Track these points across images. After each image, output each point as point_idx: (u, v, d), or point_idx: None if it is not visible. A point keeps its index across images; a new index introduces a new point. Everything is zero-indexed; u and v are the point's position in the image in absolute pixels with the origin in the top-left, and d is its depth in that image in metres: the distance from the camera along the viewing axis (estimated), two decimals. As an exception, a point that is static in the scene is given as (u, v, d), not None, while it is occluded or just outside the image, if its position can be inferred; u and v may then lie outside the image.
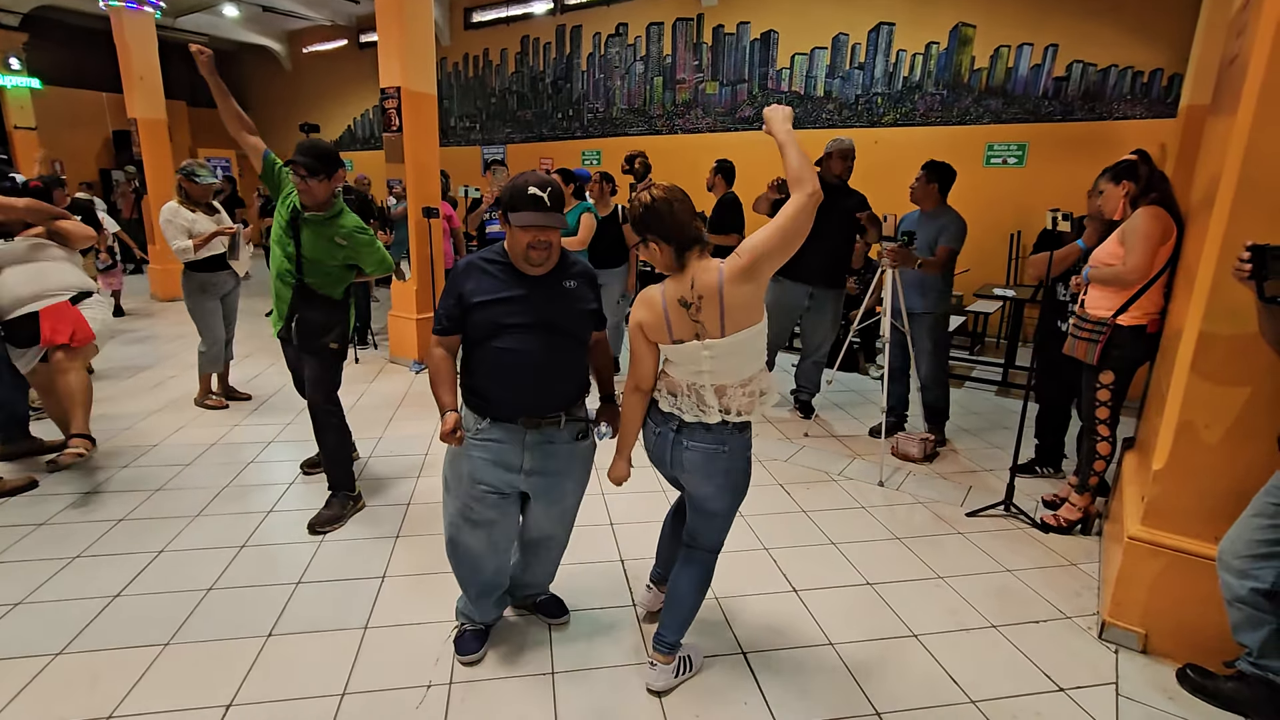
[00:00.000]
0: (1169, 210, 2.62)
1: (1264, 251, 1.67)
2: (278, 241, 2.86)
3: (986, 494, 3.31)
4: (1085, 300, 2.85)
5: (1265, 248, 1.67)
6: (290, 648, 2.15)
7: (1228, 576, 1.88)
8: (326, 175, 2.71)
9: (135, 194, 9.55)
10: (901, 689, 2.03)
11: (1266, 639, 1.85)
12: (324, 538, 2.82)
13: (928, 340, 3.74)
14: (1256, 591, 1.81)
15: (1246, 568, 1.83)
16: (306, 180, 2.67)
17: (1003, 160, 6.71)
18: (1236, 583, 1.85)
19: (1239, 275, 1.74)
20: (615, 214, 4.92)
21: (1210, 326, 2.01)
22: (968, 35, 6.74)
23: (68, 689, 1.95)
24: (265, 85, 14.12)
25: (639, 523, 3.01)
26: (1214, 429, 2.04)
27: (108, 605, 2.33)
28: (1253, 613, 1.84)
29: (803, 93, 7.83)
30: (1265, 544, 1.80)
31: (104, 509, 3.02)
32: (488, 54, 10.67)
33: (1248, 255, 1.70)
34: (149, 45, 7.86)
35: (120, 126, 11.98)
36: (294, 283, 2.86)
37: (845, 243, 4.11)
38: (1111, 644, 2.24)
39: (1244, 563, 1.83)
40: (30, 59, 10.83)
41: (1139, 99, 6.05)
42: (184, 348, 5.82)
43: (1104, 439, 2.83)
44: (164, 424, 4.08)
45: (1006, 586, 2.58)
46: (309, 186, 2.68)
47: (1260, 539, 1.81)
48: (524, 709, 1.93)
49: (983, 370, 5.65)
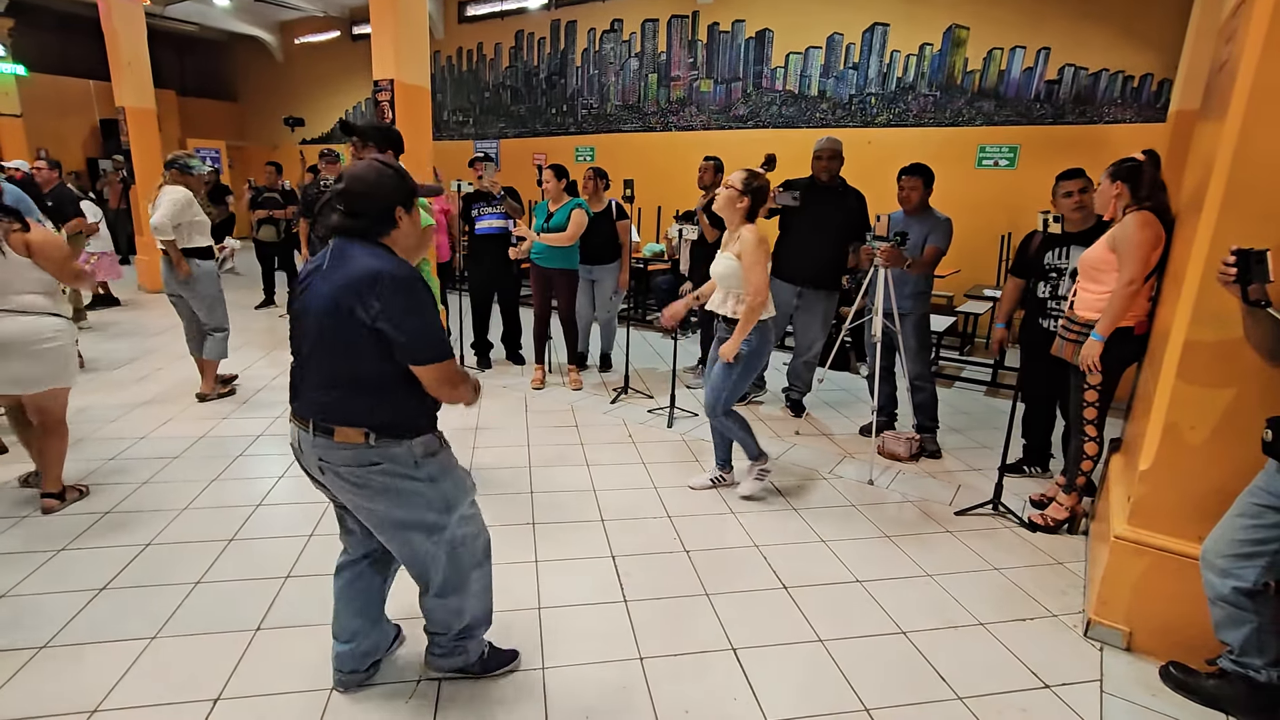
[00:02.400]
0: (1160, 217, 2.63)
1: (1248, 255, 1.70)
2: None
3: (975, 493, 3.33)
4: (1075, 302, 2.87)
5: (1249, 251, 1.70)
6: (278, 642, 2.14)
7: (1210, 575, 1.91)
8: (377, 147, 2.80)
9: (123, 184, 9.44)
10: (890, 685, 2.05)
11: (1248, 637, 1.87)
12: (312, 533, 2.80)
13: (914, 339, 3.77)
14: (1239, 590, 1.84)
15: (1229, 567, 1.85)
16: (360, 152, 2.81)
17: (994, 162, 6.76)
18: (1219, 581, 1.88)
19: (1224, 279, 1.76)
20: (609, 210, 4.91)
21: (1197, 329, 2.03)
22: (961, 37, 6.78)
23: (53, 681, 1.93)
24: (256, 76, 13.98)
25: (630, 519, 3.01)
26: (1200, 430, 2.06)
27: (94, 598, 2.31)
28: (1235, 611, 1.87)
29: (796, 92, 7.84)
30: (1248, 543, 1.83)
31: (90, 502, 2.99)
32: (481, 48, 10.62)
33: (1233, 259, 1.72)
34: (138, 32, 7.77)
35: (108, 115, 11.85)
36: None
37: (838, 244, 4.09)
38: (1097, 641, 2.27)
39: (1226, 562, 1.86)
40: (16, 45, 10.65)
41: (1129, 103, 6.11)
42: (171, 340, 5.76)
43: (1091, 439, 2.85)
44: (151, 417, 4.04)
45: (994, 585, 2.61)
46: (360, 156, 2.77)
47: (1243, 538, 1.84)
48: (514, 705, 1.93)
49: (972, 370, 5.69)
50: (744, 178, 2.95)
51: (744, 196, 2.94)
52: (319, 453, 1.64)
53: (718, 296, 3.14)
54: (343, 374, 1.60)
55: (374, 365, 1.59)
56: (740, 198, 2.94)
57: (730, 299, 3.06)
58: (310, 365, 1.65)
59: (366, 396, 1.61)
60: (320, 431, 1.62)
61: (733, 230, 3.04)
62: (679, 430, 4.14)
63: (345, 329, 1.56)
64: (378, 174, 1.65)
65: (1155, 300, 2.77)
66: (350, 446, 1.61)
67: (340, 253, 1.62)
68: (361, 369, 1.59)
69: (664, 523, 2.99)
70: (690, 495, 3.28)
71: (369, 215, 1.63)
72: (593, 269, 4.96)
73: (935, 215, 3.68)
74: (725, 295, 3.09)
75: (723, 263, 3.04)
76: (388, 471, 1.64)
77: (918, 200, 3.69)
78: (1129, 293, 2.62)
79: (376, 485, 1.64)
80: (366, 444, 1.61)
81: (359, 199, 1.63)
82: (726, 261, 3.01)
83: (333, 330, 1.57)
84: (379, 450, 1.62)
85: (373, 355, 1.58)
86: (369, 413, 1.61)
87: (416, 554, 1.77)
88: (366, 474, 1.63)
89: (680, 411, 4.31)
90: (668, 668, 2.09)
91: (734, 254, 2.97)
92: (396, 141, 2.90)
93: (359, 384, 1.60)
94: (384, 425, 1.62)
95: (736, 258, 2.96)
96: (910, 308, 3.73)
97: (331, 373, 1.61)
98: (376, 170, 1.65)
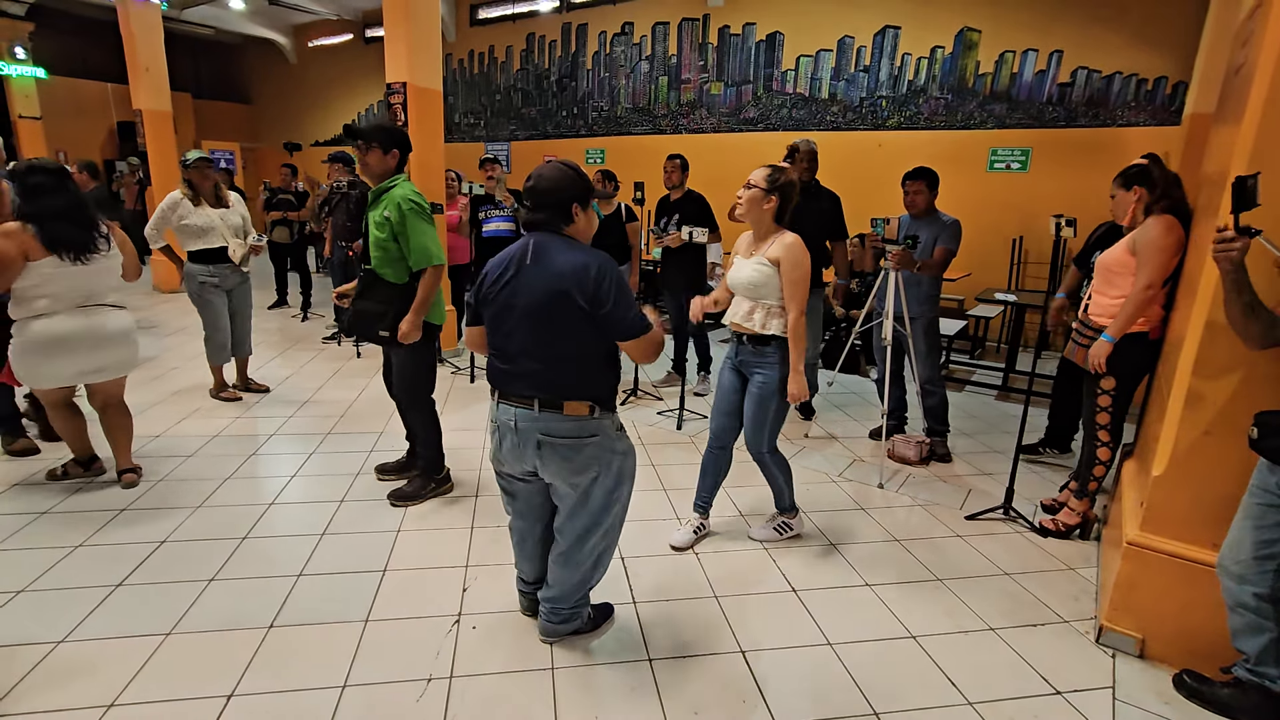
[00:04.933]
0: (1180, 218, 2.61)
1: (1243, 181, 1.70)
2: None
3: (985, 498, 3.32)
4: (1089, 306, 2.86)
5: (1244, 177, 1.71)
6: (291, 639, 2.16)
7: (1228, 582, 1.89)
8: (381, 147, 2.79)
9: (139, 185, 9.55)
10: (899, 690, 2.04)
11: (1265, 647, 1.85)
12: (324, 531, 2.83)
13: (924, 343, 3.76)
14: (1258, 596, 1.82)
15: (1245, 572, 1.84)
16: (364, 154, 2.80)
17: (1006, 165, 6.72)
18: (1237, 588, 1.86)
19: (1220, 253, 1.75)
20: (619, 212, 4.92)
21: (1211, 335, 2.01)
22: (973, 40, 6.75)
23: (69, 678, 1.96)
24: (270, 79, 14.11)
25: (638, 521, 3.01)
26: (1214, 436, 2.05)
27: (109, 594, 2.34)
28: (1254, 619, 1.85)
29: (807, 94, 7.83)
30: (1259, 545, 1.81)
31: (105, 499, 3.02)
32: (493, 51, 10.67)
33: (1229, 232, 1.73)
34: (155, 36, 7.86)
35: (125, 117, 11.99)
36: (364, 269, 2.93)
37: (814, 244, 4.05)
38: (1109, 648, 2.25)
39: (1241, 567, 1.85)
40: (36, 48, 10.81)
41: (1143, 106, 6.06)
42: (186, 339, 5.83)
43: (1104, 444, 2.84)
44: (166, 415, 4.08)
45: (1005, 590, 2.59)
46: (365, 159, 2.81)
47: (1253, 540, 1.82)
48: (524, 704, 1.93)
49: (983, 374, 5.66)
50: (768, 174, 2.56)
51: (770, 195, 2.54)
52: (542, 426, 1.85)
53: (742, 308, 2.66)
54: (566, 354, 1.84)
55: (591, 345, 1.85)
56: (767, 197, 2.54)
57: (760, 312, 2.60)
58: (529, 350, 1.85)
59: (588, 373, 1.87)
60: (548, 407, 1.85)
61: (761, 234, 2.63)
62: (688, 432, 4.14)
63: (563, 314, 1.80)
64: (560, 174, 1.89)
65: (1170, 306, 2.75)
66: (576, 419, 1.86)
67: (542, 248, 1.85)
68: (582, 349, 1.85)
69: (673, 525, 2.99)
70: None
71: (550, 209, 1.87)
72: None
73: (943, 218, 3.67)
74: (753, 308, 2.62)
75: (752, 270, 2.59)
76: (600, 444, 1.90)
77: (924, 204, 3.68)
78: (1146, 297, 2.60)
79: (588, 455, 1.89)
80: (591, 416, 1.87)
81: (543, 195, 1.86)
82: (759, 268, 2.57)
83: (551, 316, 1.81)
84: (597, 422, 1.89)
85: (589, 335, 1.83)
86: (593, 386, 1.88)
87: (598, 521, 2.01)
88: (582, 444, 1.87)
89: (690, 414, 4.32)
90: (675, 668, 2.09)
91: (769, 259, 2.55)
92: (401, 141, 2.86)
93: (581, 362, 1.86)
94: (603, 398, 1.90)
95: (773, 264, 2.55)
96: (920, 311, 3.71)
97: (555, 354, 1.84)
98: (559, 170, 1.89)
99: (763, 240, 2.62)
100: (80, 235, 2.79)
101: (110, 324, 2.96)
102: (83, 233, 2.80)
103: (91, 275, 2.87)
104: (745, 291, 2.64)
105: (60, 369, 2.86)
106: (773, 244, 2.58)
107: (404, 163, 2.91)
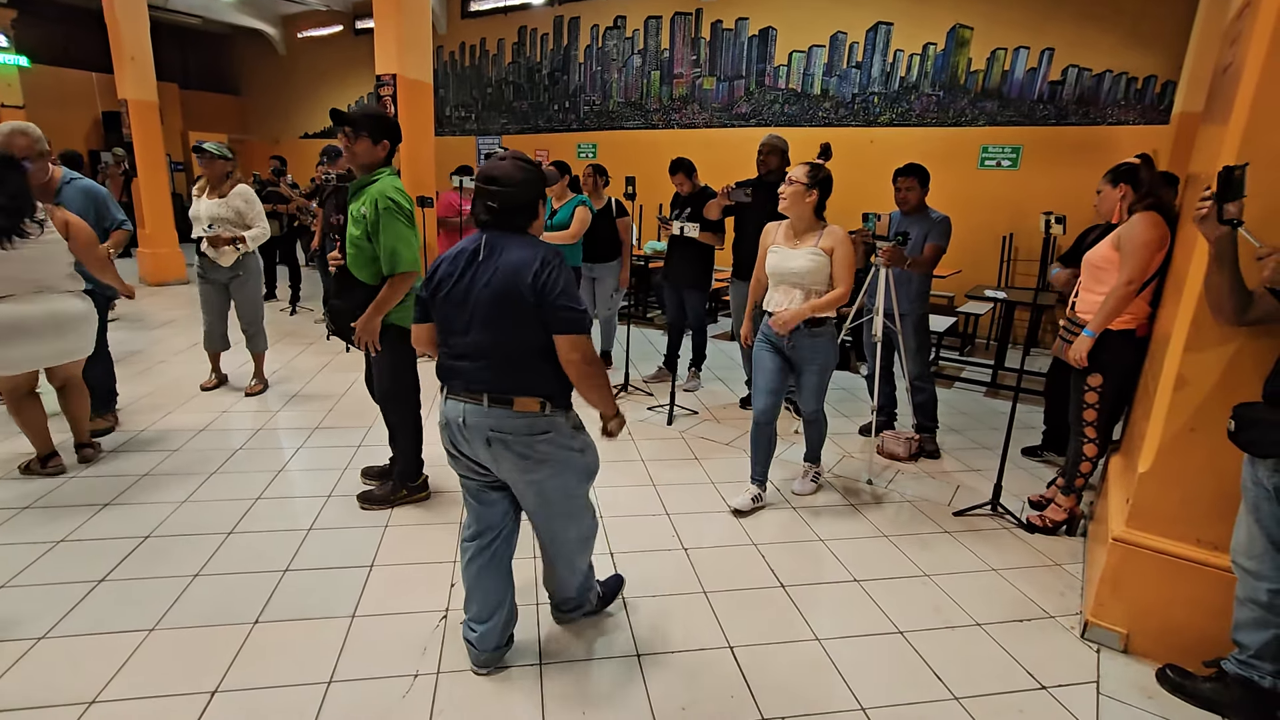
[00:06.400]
0: (1165, 217, 2.63)
1: (1230, 171, 1.71)
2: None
3: (974, 494, 3.34)
4: (1076, 303, 2.87)
5: (1231, 167, 1.71)
6: (277, 635, 2.14)
7: (1244, 576, 1.89)
8: (371, 136, 2.61)
9: (125, 176, 9.43)
10: (887, 685, 2.05)
11: (1267, 642, 1.85)
12: (310, 526, 2.81)
13: (914, 339, 3.77)
14: (1272, 593, 1.81)
15: (1258, 568, 1.83)
16: (351, 142, 2.61)
17: (997, 163, 6.74)
18: (1254, 584, 1.85)
19: (1200, 214, 1.77)
20: (609, 207, 4.90)
21: (1198, 331, 2.03)
22: (965, 37, 6.76)
23: (51, 673, 1.94)
24: (259, 70, 13.94)
25: (627, 516, 3.01)
26: (1200, 433, 2.06)
27: (92, 589, 2.32)
28: (1263, 614, 1.84)
29: (799, 90, 7.83)
30: (1260, 538, 1.81)
31: (89, 493, 2.99)
32: (484, 44, 10.60)
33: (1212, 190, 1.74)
34: (141, 25, 7.74)
35: (110, 107, 11.80)
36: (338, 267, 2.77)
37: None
38: (1094, 643, 2.27)
39: (1253, 563, 1.84)
40: (18, 36, 10.62)
41: (1133, 105, 6.09)
42: (173, 332, 5.77)
43: (1090, 440, 2.86)
44: (152, 408, 4.04)
45: (992, 585, 2.61)
46: (353, 148, 2.62)
47: (1255, 533, 1.83)
48: (511, 700, 1.93)
49: (972, 371, 5.69)
50: (807, 170, 2.86)
51: (811, 190, 2.84)
52: (492, 423, 1.79)
53: (793, 296, 2.93)
54: (516, 349, 1.77)
55: (542, 340, 1.77)
56: (808, 192, 2.84)
57: (813, 297, 2.90)
58: (481, 344, 1.79)
59: (540, 369, 1.79)
60: (497, 403, 1.78)
61: (803, 227, 2.93)
62: (678, 428, 4.14)
63: (516, 308, 1.74)
64: (525, 173, 1.82)
65: (1156, 303, 2.77)
66: (526, 415, 1.79)
67: (495, 245, 1.79)
68: (534, 343, 1.77)
69: (662, 520, 2.99)
70: (688, 493, 3.27)
71: (521, 211, 1.82)
72: (593, 267, 4.95)
73: (933, 214, 3.68)
74: (807, 295, 2.91)
75: (805, 258, 2.87)
76: (553, 441, 1.83)
77: (915, 200, 3.68)
78: (1127, 292, 2.62)
79: (541, 454, 1.82)
80: (541, 413, 1.80)
81: (512, 198, 1.80)
82: (813, 257, 2.86)
83: (504, 311, 1.75)
84: (549, 419, 1.82)
85: (538, 330, 1.76)
86: (544, 383, 1.80)
87: (562, 519, 1.98)
88: (534, 442, 1.80)
89: (680, 409, 4.31)
90: (663, 665, 2.09)
91: (822, 248, 2.86)
92: (392, 130, 2.68)
93: (533, 357, 1.78)
94: (555, 395, 1.82)
95: (826, 252, 2.85)
96: (910, 308, 3.72)
97: (506, 349, 1.78)
98: (523, 170, 1.81)
99: (806, 232, 2.93)
100: (4, 221, 2.72)
101: (67, 309, 2.97)
102: (8, 219, 2.73)
103: (32, 263, 2.81)
104: (796, 279, 2.91)
105: (13, 355, 2.84)
106: (822, 235, 2.89)
107: (393, 154, 2.75)
